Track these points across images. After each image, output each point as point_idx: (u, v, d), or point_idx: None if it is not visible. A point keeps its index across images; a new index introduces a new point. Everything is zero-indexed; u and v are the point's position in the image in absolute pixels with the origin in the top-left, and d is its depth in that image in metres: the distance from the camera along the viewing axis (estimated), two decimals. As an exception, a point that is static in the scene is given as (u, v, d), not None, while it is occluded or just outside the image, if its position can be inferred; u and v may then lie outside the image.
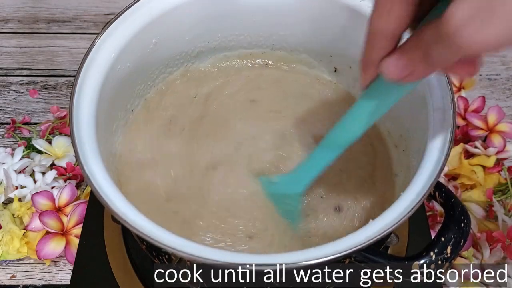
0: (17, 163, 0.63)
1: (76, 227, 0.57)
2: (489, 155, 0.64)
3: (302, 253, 0.34)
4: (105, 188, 0.37)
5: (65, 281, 0.57)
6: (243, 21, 0.55)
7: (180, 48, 0.55)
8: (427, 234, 0.56)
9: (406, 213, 0.35)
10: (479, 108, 0.69)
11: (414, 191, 0.37)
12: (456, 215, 0.37)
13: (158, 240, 0.34)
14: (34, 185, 0.62)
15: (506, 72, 0.79)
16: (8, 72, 0.78)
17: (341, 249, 0.34)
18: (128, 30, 0.47)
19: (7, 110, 0.73)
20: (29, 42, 0.82)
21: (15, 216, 0.59)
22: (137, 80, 0.52)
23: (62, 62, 0.80)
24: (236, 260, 0.34)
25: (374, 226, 0.35)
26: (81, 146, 0.39)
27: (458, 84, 0.72)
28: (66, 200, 0.59)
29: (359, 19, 0.49)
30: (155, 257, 0.44)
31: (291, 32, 0.56)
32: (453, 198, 0.38)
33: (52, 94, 0.75)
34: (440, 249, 0.35)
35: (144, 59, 0.51)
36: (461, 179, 0.63)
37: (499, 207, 0.60)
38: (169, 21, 0.50)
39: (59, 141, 0.66)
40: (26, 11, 0.87)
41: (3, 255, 0.57)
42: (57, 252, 0.56)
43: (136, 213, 0.36)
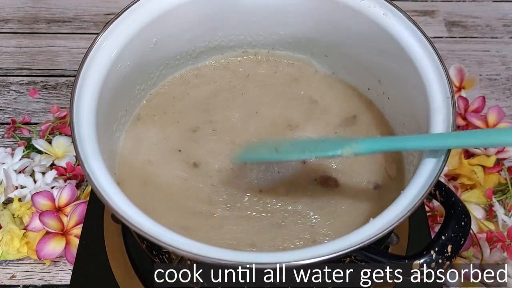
0: (17, 163, 0.63)
1: (76, 227, 0.57)
2: (489, 155, 0.64)
3: (302, 252, 0.34)
4: (106, 187, 0.37)
5: (65, 281, 0.57)
6: (243, 20, 0.55)
7: (181, 47, 0.55)
8: (427, 234, 0.56)
9: (407, 212, 0.35)
10: (479, 108, 0.69)
11: (414, 190, 0.37)
12: (456, 214, 0.37)
13: (159, 238, 0.34)
14: (34, 185, 0.62)
15: (506, 72, 0.79)
16: (8, 72, 0.78)
17: (341, 248, 0.34)
18: (128, 30, 0.47)
19: (7, 110, 0.73)
20: (29, 42, 0.82)
21: (15, 216, 0.59)
22: (137, 80, 0.52)
23: (62, 62, 0.80)
24: (237, 258, 0.34)
25: (375, 224, 0.35)
26: (82, 145, 0.39)
27: (458, 84, 0.73)
28: (66, 200, 0.59)
29: (359, 19, 0.49)
30: (155, 257, 0.44)
31: (291, 31, 0.56)
32: (453, 197, 0.38)
33: (52, 94, 0.75)
34: (440, 248, 0.35)
35: (144, 58, 0.51)
36: (461, 179, 0.63)
37: (499, 207, 0.60)
38: (169, 20, 0.50)
39: (59, 141, 0.66)
40: (26, 11, 0.87)
41: (3, 255, 0.57)
42: (57, 252, 0.56)
43: (136, 212, 0.36)
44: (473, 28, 0.86)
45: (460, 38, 0.84)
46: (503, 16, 0.88)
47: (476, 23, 0.86)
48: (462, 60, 0.81)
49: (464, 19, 0.87)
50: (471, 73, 0.73)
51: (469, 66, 0.80)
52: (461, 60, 0.81)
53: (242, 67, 0.58)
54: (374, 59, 0.52)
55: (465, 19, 0.87)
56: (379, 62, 0.51)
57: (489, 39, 0.84)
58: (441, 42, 0.83)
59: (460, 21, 0.87)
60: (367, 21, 0.49)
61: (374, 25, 0.48)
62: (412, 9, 0.88)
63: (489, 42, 0.83)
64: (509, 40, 0.84)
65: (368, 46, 0.51)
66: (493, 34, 0.85)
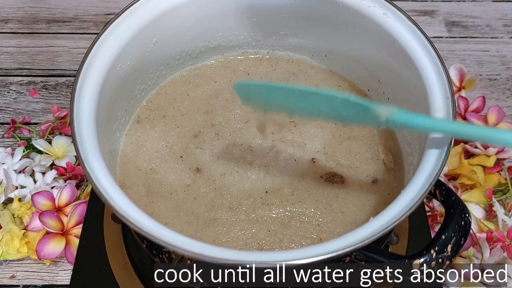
0: (17, 163, 0.63)
1: (76, 227, 0.57)
2: (489, 155, 0.64)
3: (302, 251, 0.34)
4: (106, 186, 0.37)
5: (65, 281, 0.57)
6: (243, 21, 0.55)
7: (181, 47, 0.55)
8: (427, 234, 0.56)
9: (407, 211, 0.35)
10: (479, 108, 0.69)
11: (415, 189, 0.37)
12: (456, 213, 0.37)
13: (159, 237, 0.34)
14: (34, 185, 0.62)
15: (506, 72, 0.79)
16: (8, 72, 0.78)
17: (341, 247, 0.34)
18: (128, 30, 0.47)
19: (7, 110, 0.73)
20: (29, 42, 0.83)
21: (15, 216, 0.59)
22: (138, 80, 0.52)
23: (62, 62, 0.80)
24: (236, 258, 0.33)
25: (375, 223, 0.35)
26: (82, 144, 0.39)
27: (458, 84, 0.73)
28: (66, 200, 0.59)
29: (359, 19, 0.49)
30: (155, 256, 0.44)
31: (291, 32, 0.56)
32: (453, 196, 0.38)
33: (52, 94, 0.75)
34: (440, 247, 0.35)
35: (144, 58, 0.51)
36: (461, 179, 0.63)
37: (499, 207, 0.60)
38: (169, 20, 0.51)
39: (59, 141, 0.66)
40: (26, 11, 0.87)
41: (3, 255, 0.57)
42: (57, 252, 0.56)
43: (136, 211, 0.36)
44: (473, 28, 0.86)
45: (460, 38, 0.84)
46: (503, 16, 0.88)
47: (476, 23, 0.86)
48: (462, 60, 0.81)
49: (464, 19, 0.87)
50: (471, 73, 0.73)
51: (469, 66, 0.80)
52: (461, 60, 0.81)
53: (242, 65, 0.59)
54: (374, 59, 0.52)
55: (465, 19, 0.87)
56: (379, 62, 0.51)
57: (489, 39, 0.84)
58: (441, 42, 0.84)
59: (460, 21, 0.87)
60: (367, 21, 0.49)
61: (374, 25, 0.48)
62: (412, 9, 0.88)
63: (489, 42, 0.83)
64: (509, 40, 0.84)
65: (368, 46, 0.51)
66: (493, 34, 0.85)
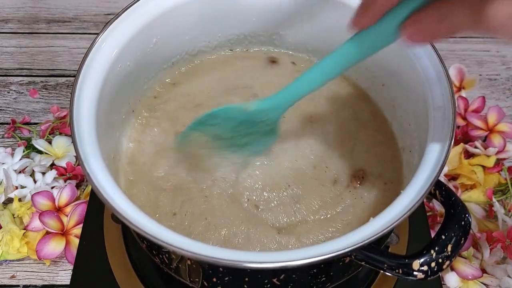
0: (17, 163, 0.63)
1: (76, 227, 0.57)
2: (489, 155, 0.64)
3: (302, 251, 0.34)
4: (105, 186, 0.36)
5: (65, 281, 0.57)
6: (243, 20, 0.55)
7: (181, 47, 0.55)
8: (427, 234, 0.56)
9: (407, 211, 0.35)
10: (479, 108, 0.69)
11: (415, 189, 0.37)
12: (456, 213, 0.37)
13: (159, 238, 0.34)
14: (34, 185, 0.62)
15: (506, 72, 0.79)
16: (8, 72, 0.78)
17: (341, 247, 0.33)
18: (128, 30, 0.47)
19: (7, 110, 0.73)
20: (29, 42, 0.83)
21: (15, 216, 0.59)
22: (138, 80, 0.52)
23: (62, 62, 0.80)
24: (237, 258, 0.33)
25: (375, 224, 0.35)
26: (82, 145, 0.39)
27: (458, 84, 0.73)
28: (66, 200, 0.59)
29: (359, 19, 0.49)
30: (155, 256, 0.44)
31: (291, 31, 0.56)
32: (453, 196, 0.38)
33: (52, 94, 0.75)
34: (440, 247, 0.35)
35: (144, 58, 0.51)
36: (461, 179, 0.63)
37: (499, 207, 0.60)
38: (169, 20, 0.51)
39: (59, 141, 0.66)
40: (26, 11, 0.87)
41: (3, 255, 0.57)
42: (57, 252, 0.56)
43: (136, 211, 0.36)
44: (473, 28, 0.86)
45: (460, 38, 0.84)
46: (503, 16, 0.87)
47: (476, 23, 0.86)
48: (462, 60, 0.81)
49: (464, 19, 0.87)
50: (471, 73, 0.73)
51: (469, 66, 0.80)
52: (461, 60, 0.81)
53: (242, 65, 0.58)
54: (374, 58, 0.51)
55: (465, 19, 0.87)
56: (379, 62, 0.51)
57: (489, 39, 0.84)
58: (441, 42, 0.84)
59: (460, 21, 0.87)
60: (367, 21, 0.49)
61: (374, 25, 0.48)
62: (412, 9, 0.88)
63: (489, 42, 0.83)
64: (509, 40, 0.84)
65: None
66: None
